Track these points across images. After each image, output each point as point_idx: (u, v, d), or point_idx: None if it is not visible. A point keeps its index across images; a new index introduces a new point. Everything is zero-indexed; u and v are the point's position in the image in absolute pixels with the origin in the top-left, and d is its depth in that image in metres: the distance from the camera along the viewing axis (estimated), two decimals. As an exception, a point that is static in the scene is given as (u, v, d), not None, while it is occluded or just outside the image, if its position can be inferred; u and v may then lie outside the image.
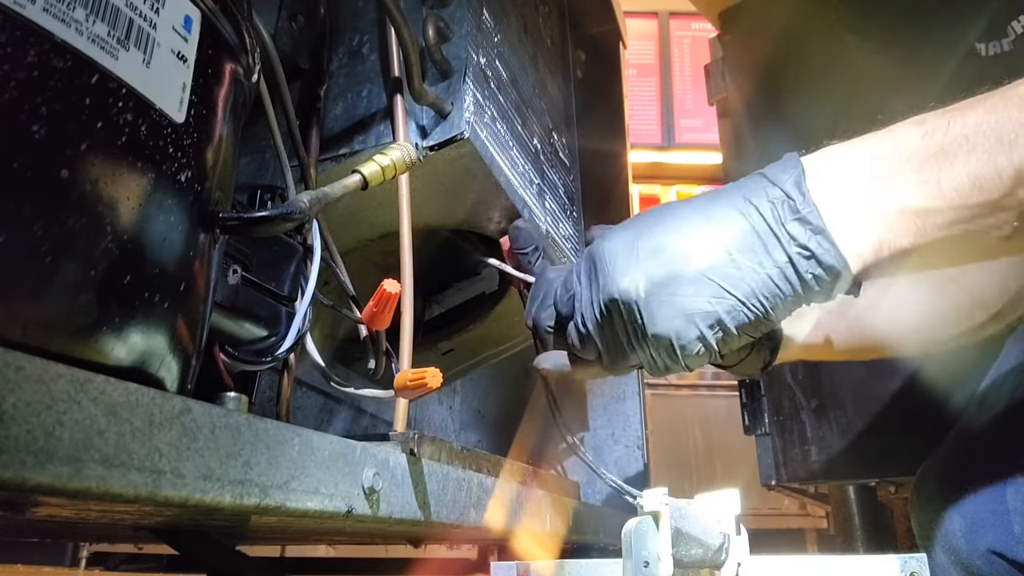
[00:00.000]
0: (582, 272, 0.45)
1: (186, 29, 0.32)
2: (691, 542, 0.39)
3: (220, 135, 0.35)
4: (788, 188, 0.40)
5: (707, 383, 2.22)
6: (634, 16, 2.64)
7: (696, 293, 0.40)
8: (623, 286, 0.41)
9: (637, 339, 0.42)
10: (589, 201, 0.94)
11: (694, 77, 2.67)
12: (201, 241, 0.34)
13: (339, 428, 0.79)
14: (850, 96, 0.91)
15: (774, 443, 1.04)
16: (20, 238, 0.24)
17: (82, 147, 0.26)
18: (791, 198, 0.40)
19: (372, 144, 0.57)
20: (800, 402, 1.02)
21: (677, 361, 0.42)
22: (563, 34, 0.96)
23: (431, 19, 0.58)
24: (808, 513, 2.06)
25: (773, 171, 0.42)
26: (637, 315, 0.41)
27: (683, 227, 0.41)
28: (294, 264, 0.49)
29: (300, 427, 0.33)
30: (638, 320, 0.41)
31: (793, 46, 1.08)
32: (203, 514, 0.32)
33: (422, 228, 0.65)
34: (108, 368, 0.27)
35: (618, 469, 1.07)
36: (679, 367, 0.43)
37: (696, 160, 2.60)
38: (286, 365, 0.50)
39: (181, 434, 0.26)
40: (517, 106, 0.70)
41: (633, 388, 1.11)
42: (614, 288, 0.42)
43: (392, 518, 0.39)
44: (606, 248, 0.43)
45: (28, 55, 0.25)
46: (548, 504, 0.61)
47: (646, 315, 0.41)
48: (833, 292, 0.40)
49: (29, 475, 0.20)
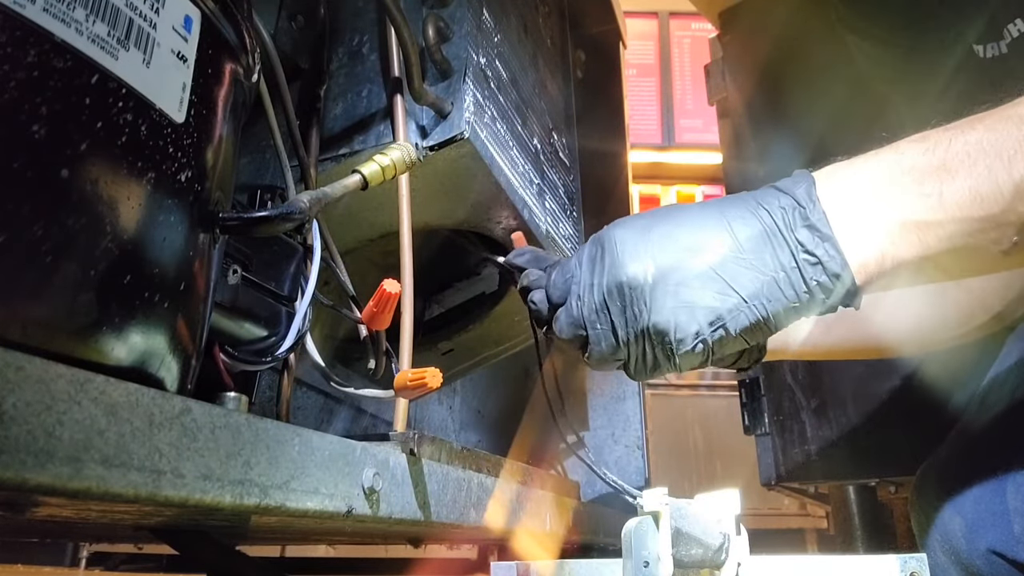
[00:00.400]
0: (584, 257, 0.45)
1: (186, 29, 0.32)
2: (691, 542, 0.39)
3: (220, 135, 0.35)
4: (799, 196, 0.41)
5: (707, 383, 2.23)
6: (634, 16, 2.63)
7: (702, 287, 0.40)
8: (631, 271, 0.41)
9: (634, 328, 0.42)
10: (589, 201, 0.94)
11: (694, 77, 2.67)
12: (201, 241, 0.34)
13: (339, 428, 0.79)
14: (850, 96, 0.91)
15: (774, 443, 1.04)
16: (20, 238, 0.24)
17: (82, 147, 0.26)
18: (801, 205, 0.40)
19: (372, 144, 0.57)
20: (800, 402, 1.02)
21: (670, 358, 0.42)
22: (563, 34, 0.96)
23: (431, 19, 0.58)
24: (808, 513, 2.06)
25: (785, 183, 0.43)
26: (641, 301, 0.41)
27: (696, 222, 0.42)
28: (294, 264, 0.49)
29: (300, 427, 0.33)
30: (641, 306, 0.41)
31: (793, 46, 1.08)
32: (203, 514, 0.32)
33: (422, 228, 0.65)
34: (108, 368, 0.27)
35: (618, 469, 1.07)
36: (669, 366, 0.43)
37: (696, 160, 2.60)
38: (286, 365, 0.50)
39: (181, 434, 0.26)
40: (517, 106, 0.70)
41: (633, 388, 1.11)
42: (622, 272, 0.41)
43: (392, 518, 0.39)
44: (617, 233, 0.43)
45: (28, 55, 0.25)
46: (548, 504, 0.61)
47: (650, 302, 0.41)
48: (834, 302, 0.41)
49: (29, 475, 0.20)
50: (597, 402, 1.11)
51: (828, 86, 0.99)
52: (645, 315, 0.41)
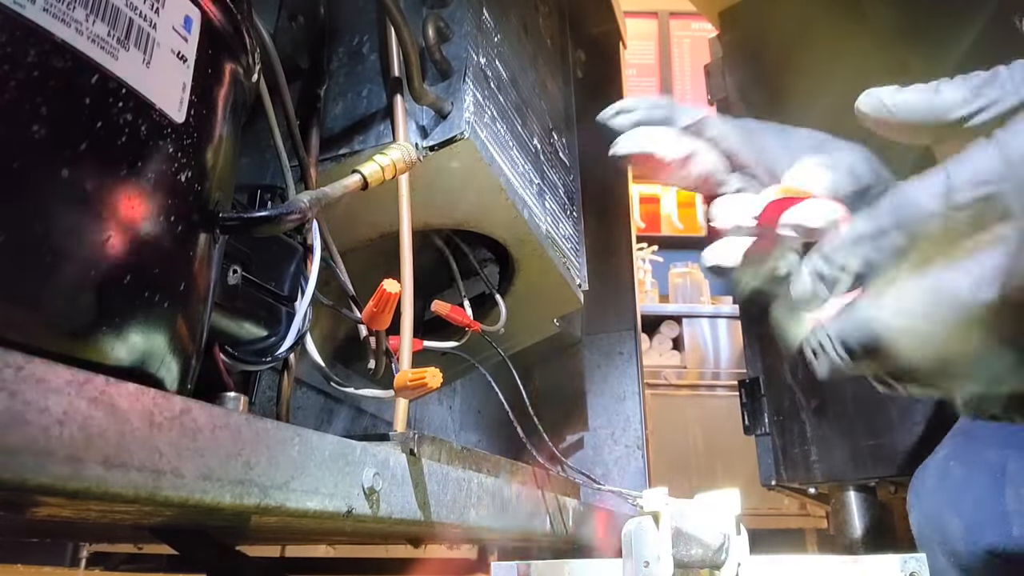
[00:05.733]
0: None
1: (186, 29, 0.32)
2: (691, 542, 0.39)
3: (220, 135, 0.35)
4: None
5: (707, 383, 2.22)
6: (634, 16, 2.64)
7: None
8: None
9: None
10: (589, 201, 0.94)
11: (694, 77, 2.67)
12: (201, 241, 0.34)
13: (339, 428, 0.79)
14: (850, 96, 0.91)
15: (774, 443, 1.04)
16: (20, 238, 0.24)
17: (82, 147, 0.26)
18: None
19: (372, 144, 0.57)
20: (800, 402, 1.02)
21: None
22: (563, 34, 0.96)
23: (431, 19, 0.58)
24: (808, 513, 2.06)
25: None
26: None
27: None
28: (294, 264, 0.49)
29: (300, 427, 0.33)
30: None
31: (793, 46, 1.08)
32: (203, 514, 0.32)
33: (422, 228, 0.65)
34: (108, 368, 0.27)
35: (618, 469, 1.07)
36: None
37: (696, 160, 2.59)
38: (286, 365, 0.50)
39: (181, 434, 0.26)
40: (517, 106, 0.70)
41: (633, 388, 1.11)
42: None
43: (392, 518, 0.39)
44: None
45: (28, 55, 0.25)
46: (548, 504, 0.61)
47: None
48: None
49: (29, 475, 0.20)
50: (597, 402, 1.11)
51: (828, 86, 0.99)
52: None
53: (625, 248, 1.17)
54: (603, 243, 1.14)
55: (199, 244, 0.34)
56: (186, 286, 0.32)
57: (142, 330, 0.29)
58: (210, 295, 0.36)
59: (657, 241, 2.54)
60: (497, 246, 0.71)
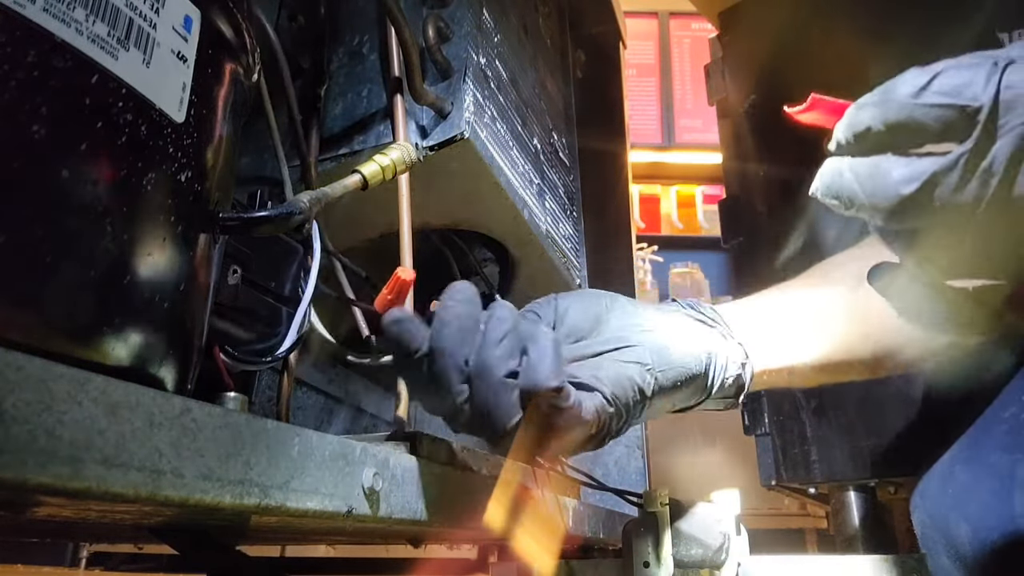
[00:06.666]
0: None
1: (186, 29, 0.32)
2: (691, 542, 0.39)
3: (220, 135, 0.35)
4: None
5: (707, 383, 2.22)
6: (634, 16, 2.63)
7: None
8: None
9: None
10: (589, 201, 0.94)
11: (694, 77, 2.67)
12: (201, 241, 0.34)
13: (339, 428, 0.79)
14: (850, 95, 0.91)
15: (774, 443, 1.04)
16: (20, 238, 0.24)
17: (82, 147, 0.26)
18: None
19: (372, 144, 0.57)
20: (800, 402, 1.02)
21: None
22: (563, 34, 0.96)
23: (431, 19, 0.58)
24: (808, 513, 2.06)
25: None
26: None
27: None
28: (294, 264, 0.49)
29: (300, 427, 0.33)
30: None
31: (793, 46, 1.08)
32: (203, 514, 0.32)
33: (422, 228, 0.65)
34: (108, 368, 0.27)
35: (618, 469, 1.07)
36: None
37: (696, 160, 2.59)
38: (286, 365, 0.50)
39: (181, 434, 0.26)
40: (517, 106, 0.70)
41: (633, 388, 1.10)
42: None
43: (392, 518, 0.39)
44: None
45: (28, 55, 0.25)
46: (548, 504, 0.61)
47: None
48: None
49: (29, 475, 0.20)
50: (597, 402, 1.11)
51: (828, 86, 0.98)
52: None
53: (625, 248, 1.17)
54: (603, 243, 1.14)
55: (199, 244, 0.34)
56: (186, 286, 0.32)
57: (142, 330, 0.29)
58: (210, 295, 0.36)
59: (657, 241, 2.54)
60: (497, 246, 0.71)
